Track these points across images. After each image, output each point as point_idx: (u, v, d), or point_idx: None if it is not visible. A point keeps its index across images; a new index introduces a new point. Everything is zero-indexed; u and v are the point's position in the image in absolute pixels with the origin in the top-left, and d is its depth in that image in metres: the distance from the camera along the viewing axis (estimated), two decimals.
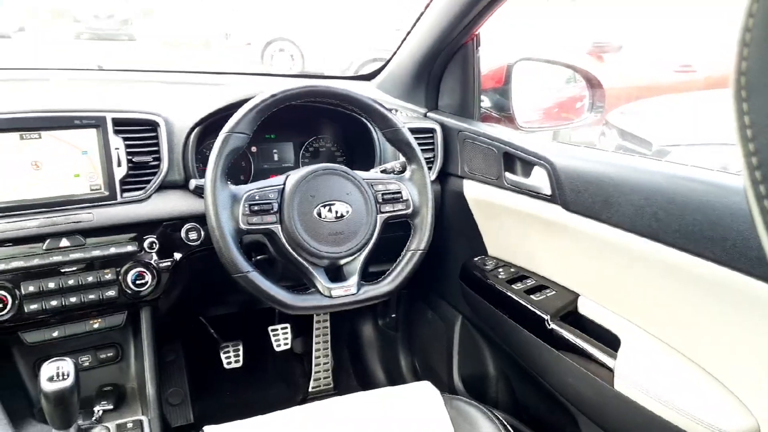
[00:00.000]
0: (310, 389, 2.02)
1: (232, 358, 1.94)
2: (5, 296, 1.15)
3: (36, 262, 1.18)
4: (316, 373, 2.03)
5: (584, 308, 1.24)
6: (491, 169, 1.44)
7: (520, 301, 1.33)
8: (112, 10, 11.02)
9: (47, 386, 0.91)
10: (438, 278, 1.77)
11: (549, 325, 1.24)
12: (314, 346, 2.04)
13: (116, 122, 1.25)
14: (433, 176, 1.59)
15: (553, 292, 1.31)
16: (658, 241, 1.00)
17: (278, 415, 1.19)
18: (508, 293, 1.37)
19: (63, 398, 0.92)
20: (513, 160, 1.39)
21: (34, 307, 1.18)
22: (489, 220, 1.51)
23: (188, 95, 1.49)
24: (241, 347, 1.94)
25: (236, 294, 1.71)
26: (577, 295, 1.27)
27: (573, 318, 1.24)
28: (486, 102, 1.71)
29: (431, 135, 1.60)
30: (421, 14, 1.58)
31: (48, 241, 1.20)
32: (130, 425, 1.20)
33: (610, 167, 1.14)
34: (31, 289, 1.18)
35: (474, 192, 1.52)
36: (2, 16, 10.35)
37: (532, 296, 1.32)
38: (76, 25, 10.86)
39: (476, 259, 1.54)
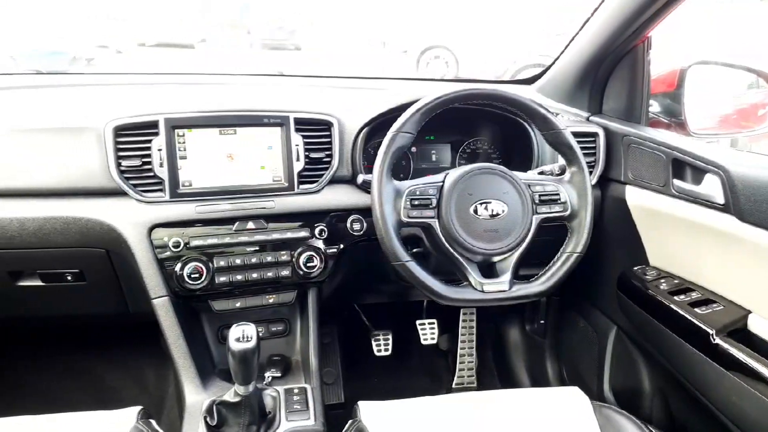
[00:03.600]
0: (453, 385, 2.07)
1: (381, 346, 2.04)
2: (201, 268, 1.33)
3: (227, 240, 1.35)
4: (460, 370, 2.07)
5: (756, 325, 1.16)
6: (658, 176, 1.39)
7: (684, 314, 1.27)
8: (282, 21, 11.93)
9: (234, 345, 1.04)
10: (592, 286, 1.72)
11: (714, 340, 1.17)
12: (459, 344, 2.08)
13: (297, 122, 1.39)
14: (594, 181, 1.57)
15: (721, 307, 1.24)
16: None
17: (427, 400, 1.24)
18: (671, 305, 1.31)
19: (246, 357, 1.05)
20: (682, 166, 1.33)
21: (223, 279, 1.35)
22: (652, 229, 1.46)
23: (357, 98, 1.60)
24: (390, 337, 2.04)
25: (389, 284, 1.81)
26: (747, 312, 1.19)
27: (742, 335, 1.17)
28: (654, 107, 1.65)
29: (593, 139, 1.58)
30: (589, 18, 1.57)
31: (237, 223, 1.36)
32: (296, 391, 1.33)
33: None
34: (222, 263, 1.35)
35: (637, 198, 1.48)
36: (188, 30, 11.59)
37: (696, 309, 1.25)
38: (249, 36, 11.88)
39: (636, 268, 1.49)
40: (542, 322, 2.04)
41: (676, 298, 1.32)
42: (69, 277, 1.44)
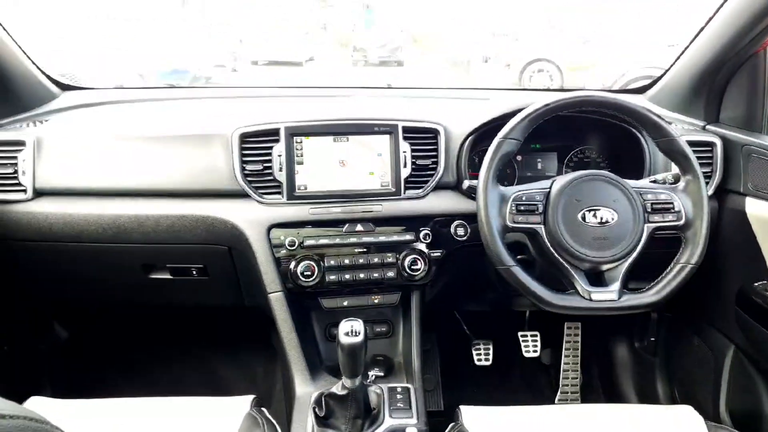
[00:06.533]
0: (556, 401, 2.03)
1: (482, 355, 2.04)
2: (314, 266, 1.41)
3: (338, 241, 1.43)
4: (563, 385, 2.03)
5: None
6: None
7: None
8: (385, 39, 12.22)
9: (344, 339, 1.09)
10: (707, 302, 1.64)
11: None
12: (563, 359, 2.04)
13: (405, 130, 1.46)
14: (710, 192, 1.50)
15: None
16: None
17: (531, 409, 1.24)
18: None
19: (354, 351, 1.09)
20: None
21: (332, 277, 1.43)
22: None
23: (462, 108, 1.64)
24: (491, 347, 2.03)
25: (491, 292, 1.81)
26: None
27: None
28: None
29: (709, 149, 1.52)
30: (704, 25, 1.52)
31: (347, 225, 1.44)
32: (399, 390, 1.35)
33: None
34: (332, 263, 1.42)
35: (759, 210, 1.40)
36: (299, 49, 12.13)
37: None
38: (354, 54, 12.26)
39: (757, 284, 1.41)
40: (653, 339, 1.95)
41: None
42: (194, 272, 1.57)
